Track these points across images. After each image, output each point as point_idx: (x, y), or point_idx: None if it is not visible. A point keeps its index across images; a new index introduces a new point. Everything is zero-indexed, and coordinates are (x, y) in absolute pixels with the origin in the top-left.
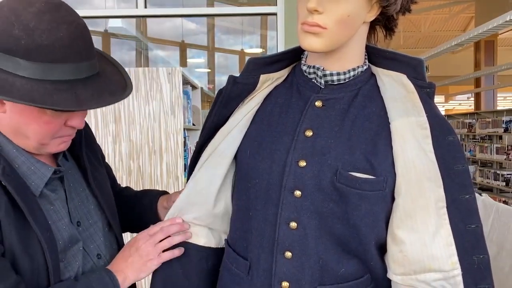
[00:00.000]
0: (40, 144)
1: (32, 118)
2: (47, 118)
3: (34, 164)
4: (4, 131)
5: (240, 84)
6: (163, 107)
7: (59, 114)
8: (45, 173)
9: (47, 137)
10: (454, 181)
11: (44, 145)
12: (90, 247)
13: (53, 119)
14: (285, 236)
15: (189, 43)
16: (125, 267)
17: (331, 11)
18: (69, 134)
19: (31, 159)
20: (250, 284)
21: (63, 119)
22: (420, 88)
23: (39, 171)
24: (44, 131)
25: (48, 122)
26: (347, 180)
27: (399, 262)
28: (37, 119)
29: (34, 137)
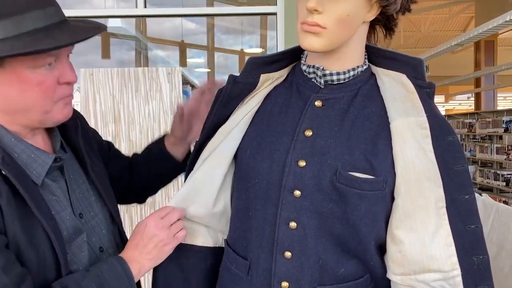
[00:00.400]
0: (44, 112)
1: (24, 84)
2: (38, 78)
3: (33, 151)
4: (3, 119)
5: (240, 83)
6: (162, 107)
7: (49, 71)
8: (46, 161)
9: (47, 100)
10: (454, 181)
11: (48, 112)
12: (93, 240)
13: (45, 77)
14: (285, 236)
15: (189, 43)
16: (139, 255)
17: (331, 11)
18: (67, 93)
19: (31, 147)
20: (250, 284)
21: (55, 76)
22: (420, 88)
23: (40, 159)
24: (42, 93)
25: (41, 82)
26: (346, 180)
27: (398, 262)
28: (30, 83)
29: (35, 105)
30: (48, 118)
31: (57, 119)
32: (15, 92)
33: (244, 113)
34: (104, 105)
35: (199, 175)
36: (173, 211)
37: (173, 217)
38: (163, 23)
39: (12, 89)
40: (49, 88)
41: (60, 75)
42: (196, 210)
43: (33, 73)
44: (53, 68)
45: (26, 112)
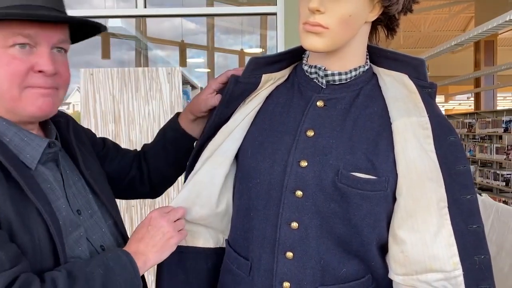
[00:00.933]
0: (11, 99)
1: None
2: (7, 58)
3: (26, 135)
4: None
5: (242, 83)
6: (162, 107)
7: (22, 54)
8: (40, 143)
9: (13, 84)
10: (456, 181)
11: (15, 100)
12: (93, 238)
13: (14, 59)
14: (286, 236)
15: (189, 43)
16: (145, 248)
17: (333, 11)
18: (40, 83)
19: (23, 130)
20: (251, 284)
21: (28, 61)
22: (422, 88)
23: (33, 142)
24: (8, 75)
25: (9, 63)
26: (348, 180)
27: (400, 262)
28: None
29: (1, 90)
30: (18, 108)
31: (30, 111)
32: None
33: (245, 113)
34: (104, 105)
35: (200, 176)
36: (177, 208)
37: (177, 213)
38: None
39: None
40: (17, 71)
41: (36, 62)
42: (199, 211)
43: (3, 53)
44: (29, 54)
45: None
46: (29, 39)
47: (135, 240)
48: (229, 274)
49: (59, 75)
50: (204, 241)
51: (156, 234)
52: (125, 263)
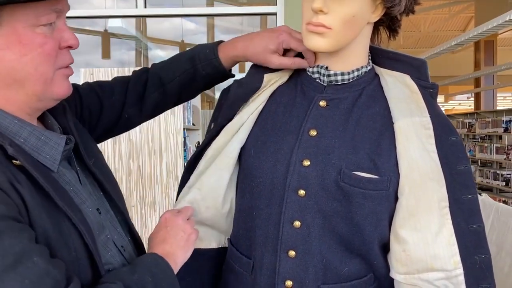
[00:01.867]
0: (44, 83)
1: (24, 46)
2: (40, 38)
3: (42, 133)
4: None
5: (245, 85)
6: None
7: (50, 32)
8: (58, 141)
9: (49, 65)
10: (457, 181)
11: (48, 83)
12: (114, 237)
13: (46, 38)
14: (289, 235)
15: (189, 43)
16: (170, 249)
17: (336, 12)
18: (69, 61)
19: (37, 128)
20: (254, 283)
21: (56, 39)
22: (423, 89)
23: (51, 140)
24: (43, 57)
25: (43, 44)
26: (351, 180)
27: (402, 261)
28: (31, 45)
29: (35, 72)
30: (48, 92)
31: (58, 93)
32: (14, 56)
33: (248, 113)
34: None
35: (207, 177)
36: (186, 208)
37: (188, 212)
38: (163, 23)
39: (10, 52)
40: (52, 50)
41: (61, 38)
42: (205, 213)
43: (34, 33)
44: (54, 30)
45: (24, 83)
46: (58, 14)
47: (158, 243)
48: (231, 273)
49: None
50: (207, 242)
51: (177, 233)
52: (164, 267)
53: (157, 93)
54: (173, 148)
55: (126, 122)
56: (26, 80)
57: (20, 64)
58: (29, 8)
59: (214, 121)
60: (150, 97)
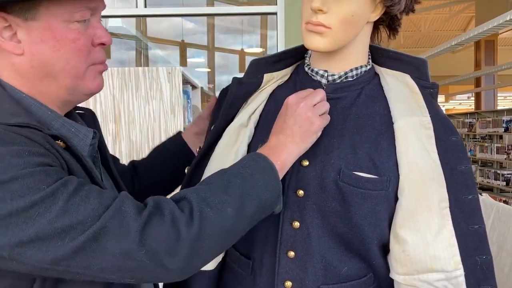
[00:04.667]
0: (75, 77)
1: (58, 41)
2: (74, 34)
3: (73, 125)
4: (27, 86)
5: (245, 84)
6: (163, 107)
7: (83, 29)
8: (87, 134)
9: (81, 61)
10: (457, 182)
11: (80, 77)
12: None
13: (80, 34)
14: (288, 235)
15: (189, 43)
16: (285, 139)
17: (336, 11)
18: (101, 58)
19: (68, 120)
20: (253, 283)
21: (89, 35)
22: (424, 88)
23: (80, 133)
24: (76, 52)
25: (76, 39)
26: (350, 180)
27: (401, 262)
28: (64, 40)
29: (67, 67)
30: (79, 86)
31: (89, 88)
32: (48, 51)
33: (249, 113)
34: (104, 105)
35: None
36: (315, 91)
37: (316, 96)
38: (163, 22)
39: (44, 46)
40: (84, 46)
41: (95, 35)
42: None
43: (68, 28)
44: (88, 27)
45: (56, 76)
46: (92, 12)
47: (274, 133)
48: (230, 273)
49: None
50: (211, 264)
51: (295, 122)
52: (264, 167)
53: None
54: None
55: None
56: (58, 73)
57: (53, 58)
58: (64, 4)
59: (214, 122)
60: None
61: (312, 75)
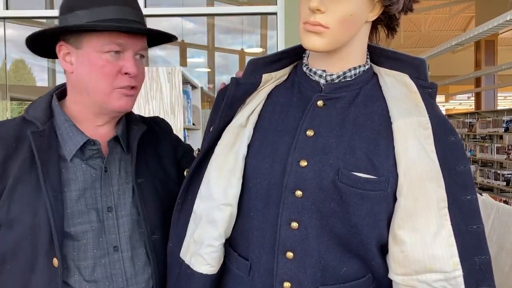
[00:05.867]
0: (104, 94)
1: (91, 65)
2: (102, 62)
3: (73, 131)
4: (72, 98)
5: (243, 85)
6: (163, 107)
7: (114, 59)
8: (79, 140)
9: (107, 83)
10: (456, 182)
11: (107, 95)
12: (111, 236)
13: (107, 63)
14: (286, 236)
15: (189, 43)
16: None
17: (333, 11)
18: (125, 84)
19: (73, 127)
20: (251, 284)
21: (118, 65)
22: (422, 88)
23: (75, 137)
24: (103, 75)
25: (103, 66)
26: (349, 180)
27: (400, 262)
28: (95, 65)
29: (97, 86)
30: (107, 102)
31: (114, 106)
32: (85, 72)
33: (248, 113)
34: None
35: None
36: None
37: None
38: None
39: (83, 68)
40: (109, 72)
41: (124, 66)
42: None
43: (99, 57)
44: (119, 59)
45: (89, 92)
46: (120, 47)
47: None
48: (229, 274)
49: (139, 76)
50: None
51: None
52: None
53: None
54: None
55: None
56: (90, 90)
57: (87, 77)
58: (98, 38)
59: (212, 123)
60: None
61: (310, 75)
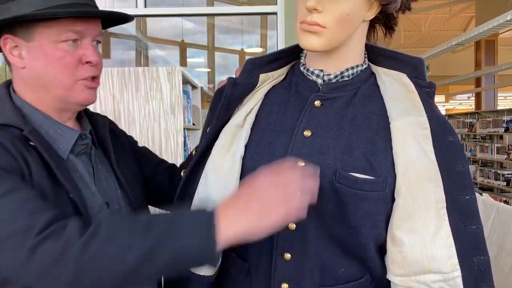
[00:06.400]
0: (64, 88)
1: (47, 58)
2: (60, 53)
3: (60, 127)
4: (30, 94)
5: (240, 84)
6: (163, 107)
7: (72, 48)
8: (72, 135)
9: (67, 75)
10: (454, 182)
11: (68, 89)
12: None
13: (66, 53)
14: (284, 237)
15: (189, 43)
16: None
17: (331, 10)
18: (88, 74)
19: (57, 123)
20: (249, 286)
21: (77, 55)
22: (421, 88)
23: (66, 134)
24: (62, 67)
25: (62, 57)
26: (346, 181)
27: (398, 263)
28: (52, 57)
29: (56, 80)
30: (69, 96)
31: (77, 99)
32: (40, 65)
33: (245, 113)
34: (104, 105)
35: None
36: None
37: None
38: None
39: (37, 62)
40: (69, 63)
41: (83, 54)
42: None
43: (56, 48)
44: (77, 48)
45: (49, 87)
46: (78, 34)
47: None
48: (227, 276)
49: (99, 65)
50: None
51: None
52: (200, 225)
53: None
54: (173, 148)
55: None
56: (49, 85)
57: (44, 71)
58: (52, 28)
59: (209, 124)
60: None
61: (307, 74)
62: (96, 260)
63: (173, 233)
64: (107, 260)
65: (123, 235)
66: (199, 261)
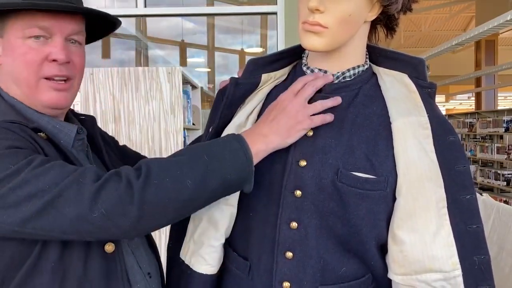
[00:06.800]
0: (28, 87)
1: (14, 53)
2: (24, 48)
3: (57, 123)
4: (17, 93)
5: (242, 85)
6: (163, 107)
7: (38, 45)
8: (71, 129)
9: (30, 72)
10: (455, 181)
11: (32, 88)
12: None
13: (30, 49)
14: (286, 236)
15: (189, 43)
16: (268, 131)
17: (333, 10)
18: (54, 73)
19: (53, 119)
20: (251, 284)
21: (43, 52)
22: (421, 88)
23: (65, 128)
24: (25, 64)
25: (25, 53)
26: (348, 180)
27: (399, 262)
28: (17, 53)
29: (21, 76)
30: (34, 95)
31: (41, 100)
32: (9, 61)
33: (247, 113)
34: (104, 105)
35: None
36: (309, 85)
37: (308, 91)
38: (163, 22)
39: (7, 58)
40: (33, 60)
41: (50, 52)
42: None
43: (22, 44)
44: (44, 44)
45: (18, 84)
46: (44, 31)
47: (262, 121)
48: (228, 274)
49: (72, 65)
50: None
51: (280, 117)
52: (236, 149)
53: None
54: (173, 148)
55: None
56: (17, 82)
57: (12, 67)
58: (18, 23)
59: (211, 123)
60: None
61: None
62: (159, 191)
63: (216, 159)
64: (168, 189)
65: (174, 168)
66: (240, 181)
